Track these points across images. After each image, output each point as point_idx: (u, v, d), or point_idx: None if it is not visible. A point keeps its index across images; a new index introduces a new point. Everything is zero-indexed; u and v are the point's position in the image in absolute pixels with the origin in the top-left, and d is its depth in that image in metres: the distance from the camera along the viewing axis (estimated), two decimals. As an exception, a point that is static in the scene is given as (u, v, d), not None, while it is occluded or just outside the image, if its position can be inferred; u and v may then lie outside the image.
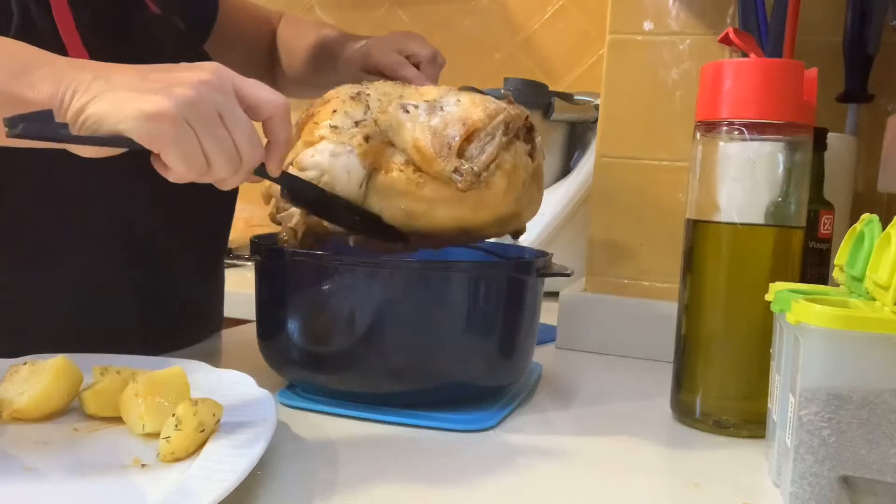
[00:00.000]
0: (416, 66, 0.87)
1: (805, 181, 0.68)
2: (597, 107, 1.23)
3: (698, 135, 0.69)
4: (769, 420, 0.60)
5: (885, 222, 0.53)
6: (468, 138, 0.65)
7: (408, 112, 0.66)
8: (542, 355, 0.88)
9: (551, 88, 1.44)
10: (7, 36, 0.63)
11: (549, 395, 0.78)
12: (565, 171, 1.44)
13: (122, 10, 0.83)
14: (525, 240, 1.32)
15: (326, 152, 0.66)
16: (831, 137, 0.80)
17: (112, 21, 0.81)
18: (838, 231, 0.80)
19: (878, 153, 0.85)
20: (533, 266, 0.69)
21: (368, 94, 0.70)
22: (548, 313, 0.84)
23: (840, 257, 0.59)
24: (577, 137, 1.45)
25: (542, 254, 0.74)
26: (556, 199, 1.37)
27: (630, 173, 0.95)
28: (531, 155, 0.70)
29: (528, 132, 0.70)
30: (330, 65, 0.96)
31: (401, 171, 0.65)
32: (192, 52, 0.89)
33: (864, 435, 0.50)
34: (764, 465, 0.61)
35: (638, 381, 0.85)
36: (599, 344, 0.95)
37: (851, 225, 0.58)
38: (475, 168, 0.64)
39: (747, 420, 0.67)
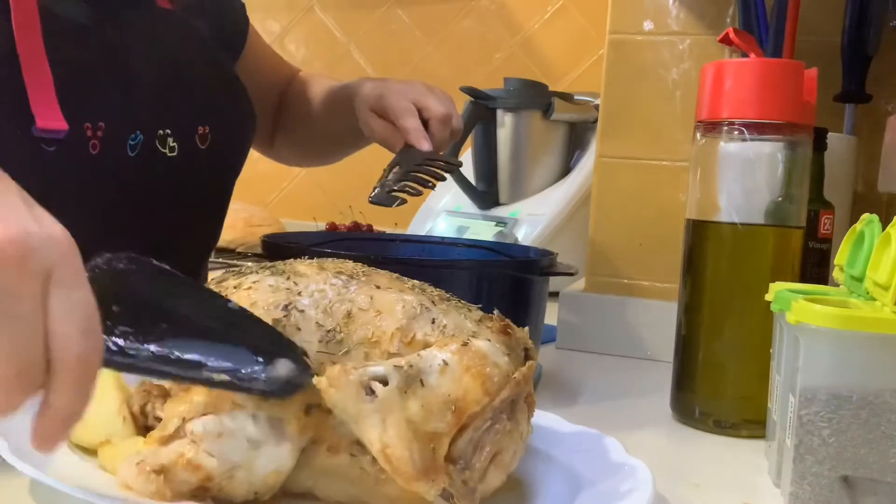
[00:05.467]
0: (426, 122, 0.82)
1: (805, 181, 0.68)
2: (597, 107, 1.23)
3: (698, 135, 0.69)
4: (769, 420, 0.60)
5: (885, 222, 0.53)
6: (460, 428, 0.46)
7: (373, 395, 0.44)
8: (542, 355, 0.88)
9: (551, 88, 1.45)
10: None
11: (549, 395, 0.77)
12: (565, 171, 1.44)
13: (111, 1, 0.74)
14: (526, 239, 1.33)
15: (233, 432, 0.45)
16: (831, 137, 0.80)
17: (94, 14, 0.72)
18: (838, 231, 0.80)
19: (878, 153, 0.85)
20: (537, 265, 0.69)
21: (302, 312, 0.48)
22: (548, 313, 0.84)
23: (840, 257, 0.59)
24: (577, 137, 1.45)
25: (547, 252, 0.74)
26: (556, 199, 1.37)
27: (630, 173, 0.95)
28: (529, 417, 0.50)
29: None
30: (346, 105, 0.90)
31: (352, 455, 0.46)
32: (214, 62, 0.83)
33: (864, 435, 0.50)
34: (764, 465, 0.61)
35: (638, 381, 0.85)
36: (599, 344, 0.95)
37: (851, 225, 0.58)
38: (469, 483, 0.46)
39: (747, 420, 0.67)
